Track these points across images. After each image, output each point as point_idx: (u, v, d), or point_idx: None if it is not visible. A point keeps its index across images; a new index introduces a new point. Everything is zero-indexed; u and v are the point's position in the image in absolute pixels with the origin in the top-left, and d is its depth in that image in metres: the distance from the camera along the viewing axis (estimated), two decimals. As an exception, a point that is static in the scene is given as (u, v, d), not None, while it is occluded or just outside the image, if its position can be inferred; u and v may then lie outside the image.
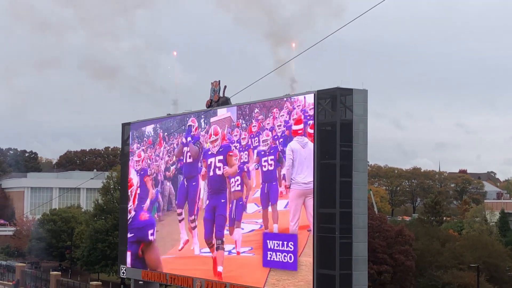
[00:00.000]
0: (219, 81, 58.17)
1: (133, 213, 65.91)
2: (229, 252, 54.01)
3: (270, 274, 49.74)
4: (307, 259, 46.93)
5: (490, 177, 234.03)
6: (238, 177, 53.35)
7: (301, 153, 47.72)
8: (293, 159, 48.20)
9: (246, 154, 53.01)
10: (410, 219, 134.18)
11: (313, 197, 46.43)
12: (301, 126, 47.99)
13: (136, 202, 65.60)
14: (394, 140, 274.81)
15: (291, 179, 48.32)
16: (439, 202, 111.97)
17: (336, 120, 45.80)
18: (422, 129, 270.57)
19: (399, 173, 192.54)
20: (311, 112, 47.09)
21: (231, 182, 54.06)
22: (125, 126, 68.95)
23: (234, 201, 53.61)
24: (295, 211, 48.01)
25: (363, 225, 45.96)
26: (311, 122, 47.22)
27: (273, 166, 50.20)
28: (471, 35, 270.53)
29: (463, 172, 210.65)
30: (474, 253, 76.81)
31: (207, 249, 56.25)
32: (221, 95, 57.65)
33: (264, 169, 51.01)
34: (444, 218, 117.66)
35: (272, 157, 50.13)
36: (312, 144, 46.84)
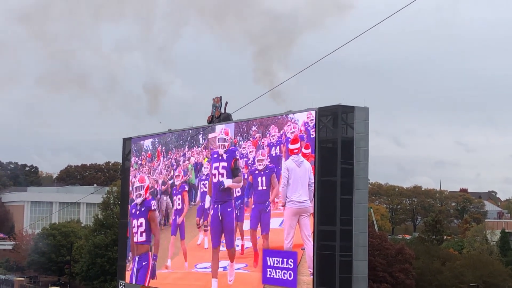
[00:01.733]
0: (221, 97, 58.28)
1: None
2: (224, 268, 54.06)
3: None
4: (302, 277, 46.79)
5: (491, 196, 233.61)
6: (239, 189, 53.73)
7: (296, 172, 48.02)
8: (288, 177, 48.54)
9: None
10: (410, 237, 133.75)
11: (314, 214, 46.36)
12: (297, 145, 48.37)
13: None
14: (393, 157, 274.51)
15: (286, 197, 48.51)
16: (440, 220, 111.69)
17: (337, 137, 45.81)
18: (422, 146, 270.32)
19: (399, 191, 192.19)
20: (308, 131, 47.30)
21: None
22: (126, 141, 68.97)
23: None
24: (290, 229, 48.20)
25: (364, 243, 45.83)
26: (306, 141, 47.36)
27: (265, 187, 50.46)
28: (471, 52, 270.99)
29: (463, 191, 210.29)
30: (474, 273, 76.53)
31: (205, 264, 56.23)
32: (222, 111, 57.71)
33: (259, 189, 51.14)
34: (445, 237, 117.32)
35: (265, 177, 50.38)
36: (308, 163, 47.21)
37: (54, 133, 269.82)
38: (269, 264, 49.53)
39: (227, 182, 53.95)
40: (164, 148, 63.32)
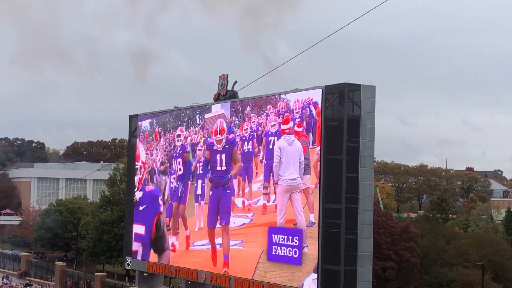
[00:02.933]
0: (227, 74, 58.20)
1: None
2: (220, 245, 55.19)
3: (273, 267, 49.81)
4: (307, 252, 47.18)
5: (496, 175, 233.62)
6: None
7: (288, 151, 49.40)
8: (280, 156, 49.87)
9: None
10: (415, 216, 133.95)
11: (319, 192, 46.46)
12: (289, 125, 49.39)
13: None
14: (399, 136, 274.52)
15: (279, 175, 49.81)
16: (445, 199, 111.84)
17: (344, 116, 45.72)
18: (428, 125, 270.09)
19: (405, 170, 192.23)
20: (302, 110, 48.03)
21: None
22: (132, 118, 69.04)
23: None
24: (282, 206, 49.51)
25: (369, 221, 45.92)
26: (298, 120, 48.55)
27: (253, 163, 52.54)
28: (478, 31, 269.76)
29: (469, 170, 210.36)
30: (479, 251, 76.67)
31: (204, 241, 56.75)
32: (229, 88, 57.67)
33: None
34: (450, 215, 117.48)
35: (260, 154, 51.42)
36: (299, 142, 48.33)
37: (59, 111, 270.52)
38: (274, 241, 49.73)
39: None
40: (161, 128, 63.68)
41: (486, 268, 70.12)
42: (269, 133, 51.36)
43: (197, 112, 59.41)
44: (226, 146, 55.39)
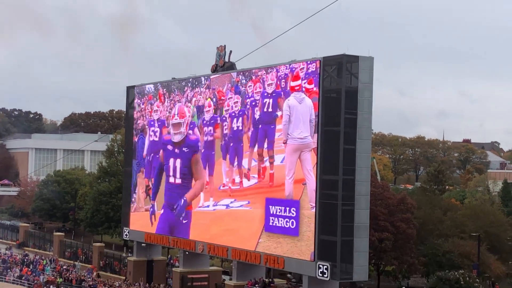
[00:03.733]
0: (225, 45, 58.07)
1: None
2: (227, 206, 54.96)
3: (270, 238, 50.12)
4: (304, 211, 47.27)
5: (493, 147, 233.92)
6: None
7: (298, 109, 48.30)
8: (289, 115, 48.89)
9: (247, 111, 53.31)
10: (412, 187, 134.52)
11: (317, 164, 46.54)
12: (299, 82, 48.32)
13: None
14: (396, 108, 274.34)
15: (288, 134, 49.02)
16: (442, 171, 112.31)
17: (342, 87, 45.67)
18: (426, 97, 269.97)
19: (402, 142, 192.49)
20: (312, 74, 47.19)
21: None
22: (130, 89, 68.93)
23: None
24: (291, 165, 48.77)
25: (366, 192, 46.10)
26: (310, 78, 47.39)
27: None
28: (477, 3, 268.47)
29: (466, 141, 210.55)
30: (475, 223, 77.09)
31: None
32: (226, 60, 57.54)
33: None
34: (447, 187, 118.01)
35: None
36: (310, 100, 47.33)
37: (56, 81, 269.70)
38: (271, 212, 49.97)
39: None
40: (165, 89, 63.23)
41: (482, 239, 70.60)
42: (268, 94, 50.95)
43: (199, 80, 59.18)
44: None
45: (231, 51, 57.25)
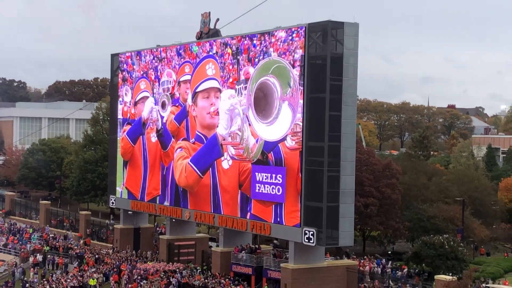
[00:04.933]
0: (209, 12, 57.60)
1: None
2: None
3: (256, 205, 50.34)
4: (294, 188, 47.48)
5: (478, 112, 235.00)
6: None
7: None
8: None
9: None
10: (397, 153, 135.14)
11: (302, 131, 46.60)
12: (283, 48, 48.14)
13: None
14: (382, 74, 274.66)
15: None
16: (427, 136, 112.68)
17: (327, 54, 45.57)
18: (411, 63, 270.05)
19: (388, 108, 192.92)
20: (297, 41, 46.93)
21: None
22: (114, 57, 68.46)
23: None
24: None
25: (351, 158, 46.29)
26: (295, 45, 47.10)
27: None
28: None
29: (451, 107, 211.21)
30: (460, 187, 77.80)
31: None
32: (211, 26, 57.13)
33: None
34: (432, 152, 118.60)
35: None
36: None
37: (39, 49, 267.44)
38: (257, 179, 50.08)
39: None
40: (154, 61, 62.93)
41: (466, 203, 71.30)
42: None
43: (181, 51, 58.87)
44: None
45: (217, 19, 56.77)
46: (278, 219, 48.58)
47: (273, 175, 48.90)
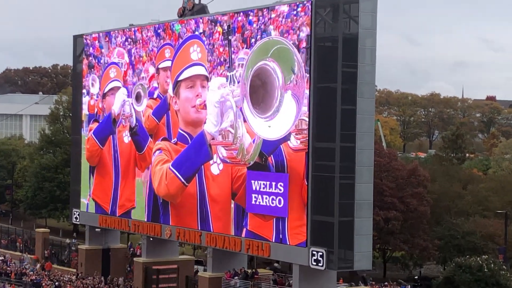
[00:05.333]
0: (194, -16, 57.68)
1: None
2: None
3: (253, 220, 50.42)
4: (299, 199, 47.54)
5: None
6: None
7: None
8: None
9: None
10: (425, 156, 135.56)
11: (309, 128, 46.62)
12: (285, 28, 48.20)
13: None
14: (404, 59, 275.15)
15: None
16: (461, 135, 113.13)
17: (338, 35, 45.57)
18: (439, 45, 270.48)
19: (413, 100, 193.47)
20: (301, 19, 46.93)
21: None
22: (77, 39, 68.47)
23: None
24: None
25: (369, 163, 46.29)
26: (299, 24, 47.01)
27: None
28: None
29: (491, 99, 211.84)
30: (502, 197, 77.95)
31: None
32: (196, 2, 57.19)
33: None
34: (467, 155, 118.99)
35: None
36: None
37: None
38: (254, 188, 50.11)
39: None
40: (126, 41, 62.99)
41: (510, 217, 71.38)
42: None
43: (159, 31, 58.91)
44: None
45: (203, -8, 56.92)
46: (280, 237, 48.62)
47: (273, 183, 48.91)
